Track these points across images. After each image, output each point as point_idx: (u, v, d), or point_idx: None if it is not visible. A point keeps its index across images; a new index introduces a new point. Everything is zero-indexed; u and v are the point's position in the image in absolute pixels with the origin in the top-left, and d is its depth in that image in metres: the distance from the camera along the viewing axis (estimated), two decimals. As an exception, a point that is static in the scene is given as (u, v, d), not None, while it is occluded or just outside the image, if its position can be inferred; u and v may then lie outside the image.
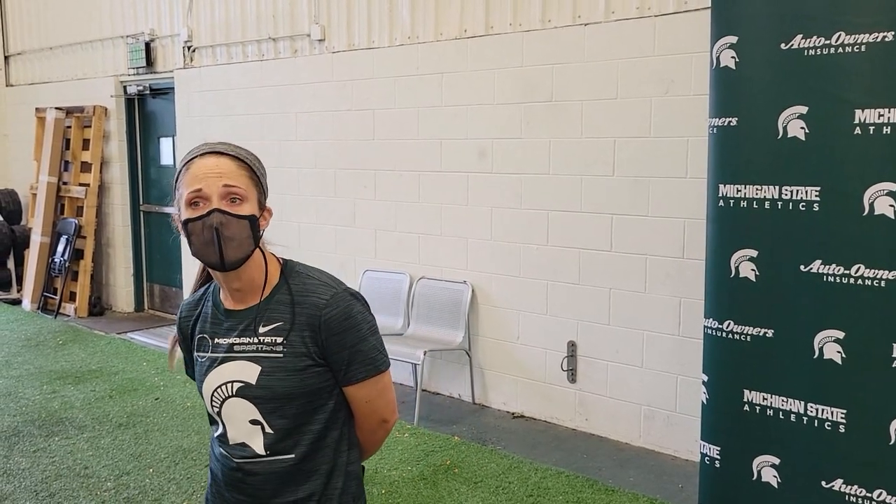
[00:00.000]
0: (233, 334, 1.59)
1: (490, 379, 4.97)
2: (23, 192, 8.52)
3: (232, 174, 1.51)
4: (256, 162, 1.60)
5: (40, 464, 4.01)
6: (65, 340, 6.47)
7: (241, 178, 1.53)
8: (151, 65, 7.10)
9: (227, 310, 1.61)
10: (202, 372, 1.61)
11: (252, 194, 1.54)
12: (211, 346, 1.61)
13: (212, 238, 1.48)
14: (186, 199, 1.51)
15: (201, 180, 1.50)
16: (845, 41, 2.39)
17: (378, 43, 5.33)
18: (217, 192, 1.49)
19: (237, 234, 1.50)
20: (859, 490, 2.48)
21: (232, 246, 1.50)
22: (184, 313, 1.70)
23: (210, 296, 1.67)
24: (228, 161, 1.53)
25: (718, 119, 2.69)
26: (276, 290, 1.59)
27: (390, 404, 1.66)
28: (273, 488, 1.57)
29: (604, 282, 4.38)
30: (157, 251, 7.65)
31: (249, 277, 1.57)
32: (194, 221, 1.49)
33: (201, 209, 1.49)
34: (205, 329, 1.63)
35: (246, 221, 1.50)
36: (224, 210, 1.49)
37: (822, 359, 2.52)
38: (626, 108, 4.20)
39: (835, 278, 2.47)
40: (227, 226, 1.49)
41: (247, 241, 1.51)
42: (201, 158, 1.53)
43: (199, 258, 1.52)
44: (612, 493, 3.68)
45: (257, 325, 1.57)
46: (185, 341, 1.71)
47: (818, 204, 2.49)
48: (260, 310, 1.57)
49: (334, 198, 5.68)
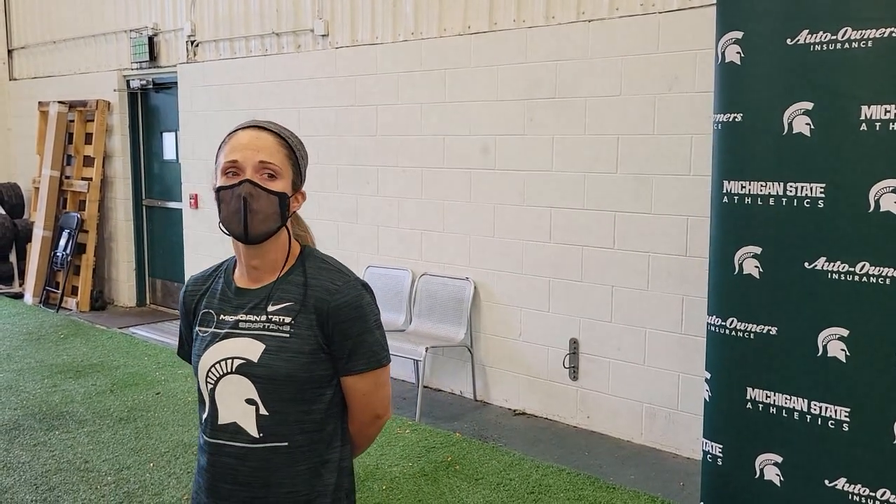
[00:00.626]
0: (240, 311, 1.58)
1: (492, 376, 4.96)
2: (25, 185, 8.52)
3: (270, 150, 1.53)
4: (299, 144, 1.62)
5: (40, 457, 4.01)
6: (66, 334, 6.47)
7: (279, 156, 1.54)
8: (155, 59, 7.09)
9: (238, 287, 1.61)
10: (201, 346, 1.59)
11: (287, 173, 1.56)
12: (215, 322, 1.59)
13: (239, 207, 1.50)
14: (222, 168, 1.53)
15: (239, 151, 1.52)
16: (851, 36, 2.38)
17: (381, 39, 5.32)
18: (252, 164, 1.51)
19: (264, 209, 1.51)
20: (862, 489, 2.46)
21: (258, 219, 1.51)
22: (190, 287, 1.69)
23: (222, 273, 1.66)
24: (270, 136, 1.55)
25: (723, 115, 2.67)
26: (291, 272, 1.59)
27: (385, 400, 1.65)
28: (265, 477, 1.54)
29: (606, 279, 4.36)
30: (160, 246, 7.65)
31: (271, 256, 1.58)
32: (226, 189, 1.51)
33: (234, 178, 1.51)
34: (212, 304, 1.62)
35: (276, 197, 1.52)
36: (255, 182, 1.50)
37: (825, 357, 2.50)
38: (630, 105, 4.19)
39: (839, 276, 2.46)
40: (256, 198, 1.50)
41: (273, 217, 1.52)
42: (244, 131, 1.55)
43: (226, 227, 1.53)
44: (612, 491, 3.67)
45: (268, 303, 1.56)
46: (185, 316, 1.69)
47: (823, 201, 2.47)
48: (274, 288, 1.57)
49: (337, 193, 5.67)
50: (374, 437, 1.72)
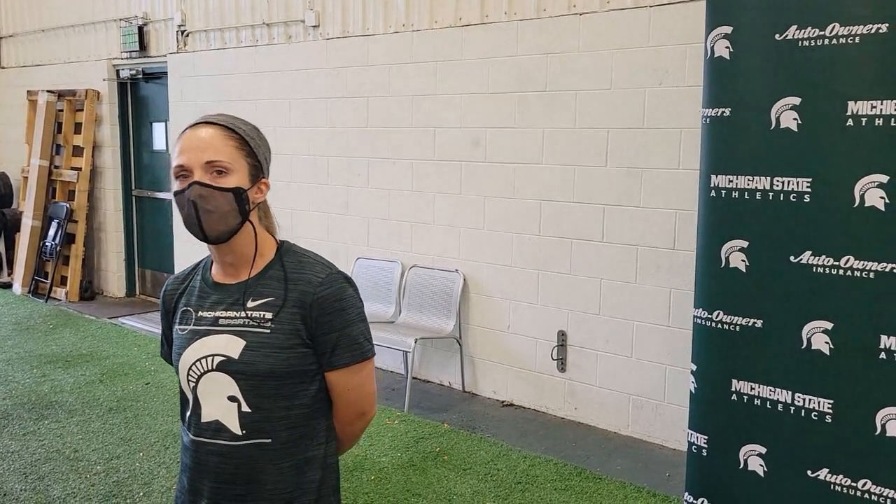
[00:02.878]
0: (219, 308, 1.56)
1: (480, 367, 4.98)
2: (14, 175, 8.46)
3: (216, 146, 1.49)
4: (252, 132, 1.56)
5: (29, 446, 4.00)
6: (55, 324, 6.45)
7: (227, 150, 1.49)
8: (144, 49, 7.05)
9: (215, 283, 1.59)
10: (181, 345, 1.57)
11: (241, 166, 1.51)
12: (194, 319, 1.57)
13: (191, 211, 1.47)
14: (174, 173, 1.51)
15: (185, 153, 1.49)
16: (839, 32, 2.40)
17: (373, 30, 5.31)
18: (199, 164, 1.48)
19: (219, 207, 1.48)
20: (844, 479, 2.50)
21: (213, 219, 1.48)
22: (169, 287, 1.68)
23: (200, 270, 1.65)
24: (217, 132, 1.51)
25: (712, 109, 2.69)
26: (270, 267, 1.57)
27: (371, 396, 1.64)
28: (249, 474, 1.52)
29: (595, 272, 4.39)
30: (149, 236, 7.62)
31: (242, 251, 1.56)
32: (178, 194, 1.49)
33: (184, 182, 1.49)
34: (190, 302, 1.60)
35: (229, 194, 1.48)
36: (204, 182, 1.47)
37: (809, 349, 2.53)
38: (621, 98, 4.21)
39: (824, 269, 2.49)
40: (207, 199, 1.47)
41: (231, 214, 1.49)
42: (192, 130, 1.52)
43: (188, 230, 1.51)
44: (599, 481, 3.70)
45: (246, 299, 1.54)
46: (166, 316, 1.68)
47: (809, 195, 2.50)
48: (250, 284, 1.55)
49: (327, 185, 5.67)
50: (360, 434, 1.71)
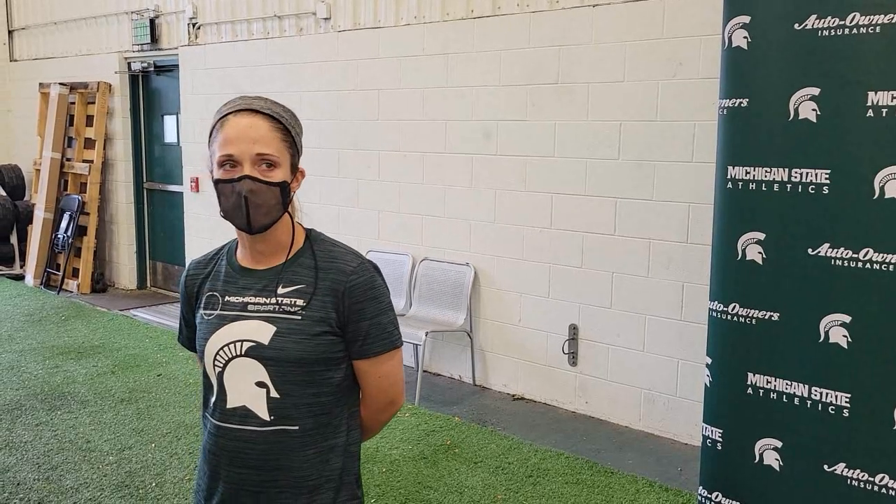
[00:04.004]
0: (248, 293, 1.55)
1: (491, 361, 4.97)
2: (26, 167, 8.50)
3: (266, 139, 1.48)
4: (293, 120, 1.56)
5: (42, 437, 4.02)
6: (67, 316, 6.48)
7: (275, 143, 1.50)
8: (156, 41, 7.06)
9: (243, 268, 1.59)
10: (208, 330, 1.56)
11: (285, 158, 1.52)
12: (221, 304, 1.57)
13: (240, 203, 1.47)
14: (217, 161, 1.49)
15: (234, 144, 1.47)
16: (860, 22, 2.36)
17: (384, 22, 5.29)
18: (250, 158, 1.47)
19: (266, 201, 1.49)
20: (861, 474, 2.48)
21: (260, 213, 1.49)
22: (191, 271, 1.66)
23: (224, 255, 1.64)
24: (263, 122, 1.49)
25: (729, 100, 2.66)
26: (300, 254, 1.57)
27: (399, 384, 1.64)
28: (274, 461, 1.52)
29: (606, 265, 4.36)
30: (161, 229, 7.64)
31: (276, 239, 1.56)
32: (224, 183, 1.49)
33: (232, 172, 1.48)
34: (216, 287, 1.60)
35: (277, 188, 1.49)
36: (255, 178, 1.47)
37: (827, 343, 2.51)
38: (634, 90, 4.17)
39: (843, 262, 2.46)
40: (257, 193, 1.47)
41: (276, 208, 1.50)
42: (235, 117, 1.50)
43: (227, 218, 1.51)
44: (611, 475, 3.69)
45: (278, 285, 1.54)
46: (187, 301, 1.67)
47: (828, 187, 2.47)
48: (283, 270, 1.55)
49: (338, 178, 5.66)
50: (386, 422, 1.71)
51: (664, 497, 3.49)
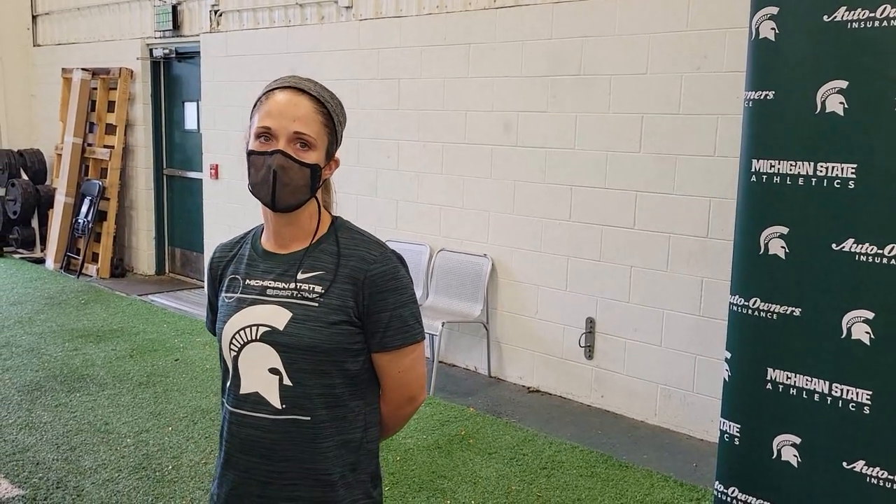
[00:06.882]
0: (268, 277, 1.53)
1: (507, 353, 4.96)
2: (48, 152, 8.58)
3: (307, 118, 1.47)
4: (338, 108, 1.55)
5: (62, 418, 4.07)
6: (87, 300, 6.54)
7: (315, 125, 1.48)
8: (178, 28, 7.08)
9: (266, 252, 1.57)
10: (227, 313, 1.54)
11: (322, 142, 1.50)
12: (241, 287, 1.55)
13: (268, 177, 1.46)
14: (255, 132, 1.49)
15: (274, 118, 1.47)
16: (890, 14, 2.33)
17: (406, 11, 5.28)
18: (286, 134, 1.46)
19: (294, 181, 1.47)
20: (881, 472, 2.45)
21: (286, 191, 1.47)
22: (217, 254, 1.66)
23: (249, 239, 1.63)
24: (307, 102, 1.49)
25: (755, 92, 2.63)
26: (323, 240, 1.55)
27: (421, 379, 1.59)
28: (285, 451, 1.48)
29: (625, 259, 4.34)
30: (180, 215, 7.69)
31: (301, 223, 1.54)
32: (257, 155, 1.48)
33: (266, 146, 1.47)
34: (238, 270, 1.58)
35: (308, 170, 1.48)
36: (288, 154, 1.46)
37: (849, 339, 2.48)
38: (656, 83, 4.14)
39: (867, 258, 2.43)
40: (287, 170, 1.46)
41: (302, 189, 1.49)
42: (282, 92, 1.49)
43: (254, 193, 1.50)
44: (626, 469, 3.68)
45: (298, 270, 1.52)
46: (212, 284, 1.65)
47: (854, 181, 2.44)
48: (305, 256, 1.53)
49: (357, 167, 5.67)
50: (407, 419, 1.65)
51: (679, 492, 3.48)
